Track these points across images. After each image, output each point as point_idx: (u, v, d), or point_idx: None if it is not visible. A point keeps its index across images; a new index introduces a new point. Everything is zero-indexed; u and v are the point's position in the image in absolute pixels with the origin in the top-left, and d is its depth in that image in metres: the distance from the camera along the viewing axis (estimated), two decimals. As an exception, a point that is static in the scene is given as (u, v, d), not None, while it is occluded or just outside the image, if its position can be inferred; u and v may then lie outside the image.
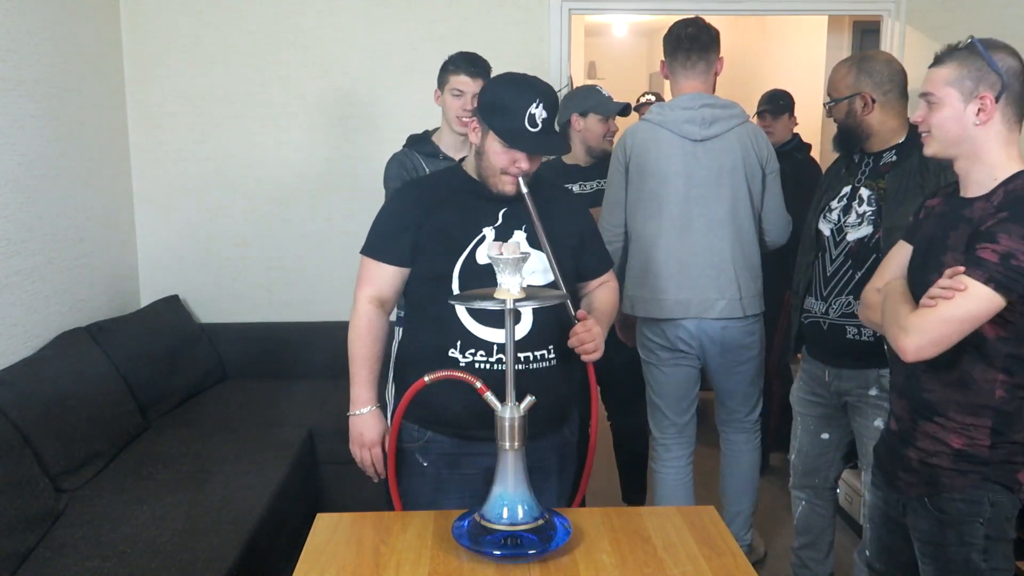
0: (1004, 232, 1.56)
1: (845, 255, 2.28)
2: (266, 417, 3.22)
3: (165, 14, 3.63)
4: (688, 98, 2.61)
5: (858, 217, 2.26)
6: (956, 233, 1.67)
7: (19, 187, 2.80)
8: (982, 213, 1.64)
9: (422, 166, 2.63)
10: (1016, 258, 1.54)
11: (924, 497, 1.74)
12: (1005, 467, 1.68)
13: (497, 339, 1.78)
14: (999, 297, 1.55)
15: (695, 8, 4.44)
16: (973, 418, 1.67)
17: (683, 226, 2.62)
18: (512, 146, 1.76)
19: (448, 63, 2.63)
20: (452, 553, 1.51)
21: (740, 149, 2.60)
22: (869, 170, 2.28)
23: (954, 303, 1.56)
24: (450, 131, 2.66)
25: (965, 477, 1.68)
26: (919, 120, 1.72)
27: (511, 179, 1.80)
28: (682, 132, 2.58)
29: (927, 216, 1.82)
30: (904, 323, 1.63)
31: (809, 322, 2.38)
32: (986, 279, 1.55)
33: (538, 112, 1.74)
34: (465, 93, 2.57)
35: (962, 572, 1.71)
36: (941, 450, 1.70)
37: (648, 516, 1.70)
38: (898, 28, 3.79)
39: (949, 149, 1.69)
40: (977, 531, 1.68)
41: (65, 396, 2.65)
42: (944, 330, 1.58)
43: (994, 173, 1.65)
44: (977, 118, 1.63)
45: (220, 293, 3.83)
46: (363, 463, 1.95)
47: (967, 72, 1.63)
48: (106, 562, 2.13)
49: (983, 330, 1.61)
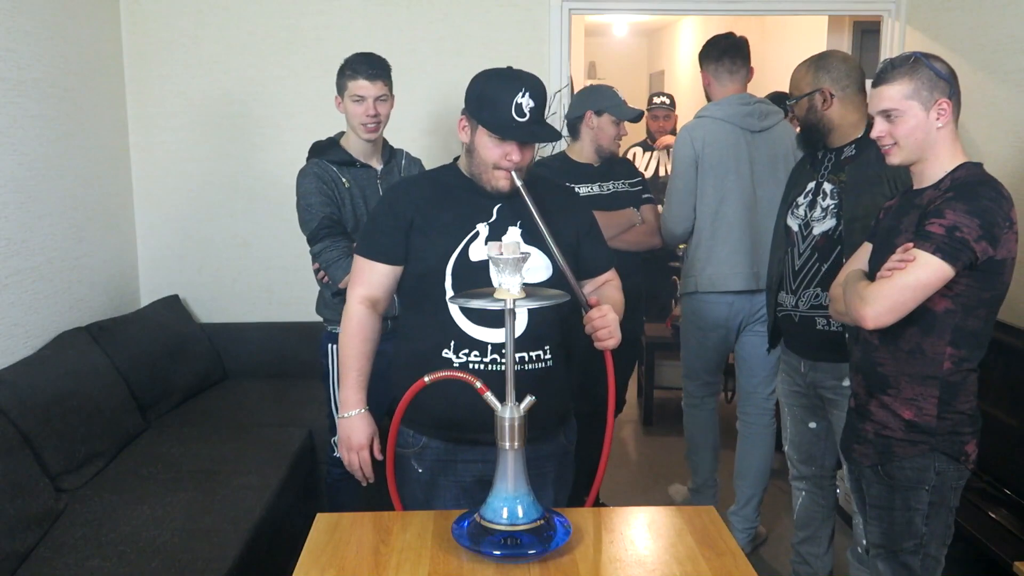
0: (949, 208, 1.72)
1: (812, 249, 2.38)
2: (266, 417, 3.22)
3: (165, 14, 3.63)
4: (739, 97, 2.98)
5: (823, 211, 2.36)
6: (908, 218, 1.83)
7: (19, 187, 2.80)
8: (931, 198, 1.79)
9: (338, 176, 2.54)
10: (960, 230, 1.69)
11: (877, 465, 1.88)
12: (952, 438, 1.82)
13: (492, 339, 1.77)
14: (947, 266, 1.70)
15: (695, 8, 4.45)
16: (921, 388, 1.81)
17: (751, 207, 2.92)
18: (502, 137, 1.73)
19: (345, 67, 2.53)
20: (452, 553, 1.51)
21: (787, 139, 2.96)
22: (832, 165, 2.37)
23: (906, 272, 1.71)
24: (357, 138, 2.56)
25: (915, 447, 1.83)
26: (882, 134, 1.83)
27: (504, 174, 1.77)
28: (744, 124, 2.93)
29: (885, 215, 1.97)
30: (862, 294, 1.78)
31: (783, 315, 2.49)
32: (934, 249, 1.70)
33: (525, 101, 1.72)
34: (366, 98, 2.48)
35: (904, 534, 1.87)
36: (893, 422, 1.84)
37: (648, 516, 1.70)
38: (898, 28, 3.80)
39: (914, 155, 1.83)
40: (922, 497, 1.84)
41: (65, 396, 2.65)
42: (899, 297, 1.72)
43: (944, 166, 1.82)
44: (938, 122, 1.78)
45: (220, 293, 3.83)
46: (351, 466, 1.90)
47: (921, 83, 1.78)
48: (106, 562, 2.13)
49: (932, 304, 1.76)
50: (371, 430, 1.89)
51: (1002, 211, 1.72)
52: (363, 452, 1.88)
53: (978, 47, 3.22)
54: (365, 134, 2.53)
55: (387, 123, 2.59)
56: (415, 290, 1.86)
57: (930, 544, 1.86)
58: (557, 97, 3.53)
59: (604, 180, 2.95)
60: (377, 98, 2.51)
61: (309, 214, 2.51)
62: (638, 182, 3.03)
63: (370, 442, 1.89)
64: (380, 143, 2.65)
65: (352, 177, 2.57)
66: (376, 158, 2.65)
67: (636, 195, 3.00)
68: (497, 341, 1.76)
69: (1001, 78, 3.10)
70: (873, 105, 1.84)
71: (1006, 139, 3.07)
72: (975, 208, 1.70)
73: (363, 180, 2.59)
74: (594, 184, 2.93)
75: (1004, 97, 3.08)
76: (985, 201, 1.72)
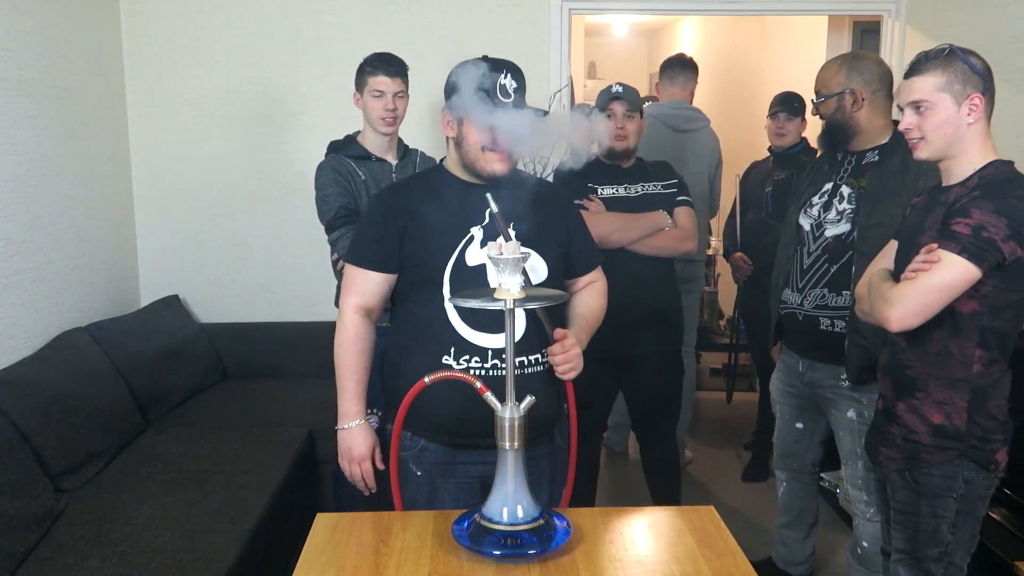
0: (976, 207, 1.66)
1: (822, 249, 2.36)
2: (266, 417, 3.22)
3: (165, 14, 3.63)
4: (674, 102, 3.66)
5: (838, 214, 2.33)
6: (932, 216, 1.78)
7: (19, 187, 2.80)
8: (957, 195, 1.74)
9: (354, 169, 2.61)
10: (987, 230, 1.63)
11: (904, 471, 1.84)
12: (982, 445, 1.77)
13: (492, 344, 1.76)
14: (973, 267, 1.64)
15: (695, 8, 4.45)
16: (951, 392, 1.76)
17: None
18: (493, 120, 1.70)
19: (365, 65, 2.63)
20: (452, 553, 1.51)
21: (707, 143, 3.64)
22: (852, 168, 2.34)
23: (931, 273, 1.66)
24: (375, 133, 2.65)
25: (943, 453, 1.78)
26: (910, 127, 1.78)
27: (497, 155, 1.75)
28: (671, 124, 3.56)
29: (911, 212, 1.92)
30: (887, 295, 1.74)
31: (786, 313, 2.48)
32: (959, 250, 1.64)
33: (508, 82, 1.72)
34: (385, 94, 2.59)
35: (929, 542, 1.83)
36: (921, 426, 1.80)
37: (648, 516, 1.70)
38: (898, 28, 3.80)
39: (943, 151, 1.77)
40: (949, 506, 1.80)
41: (65, 396, 2.65)
42: (924, 299, 1.67)
43: (973, 164, 1.76)
44: (970, 117, 1.73)
45: (220, 293, 3.83)
46: (353, 478, 1.89)
47: (954, 76, 1.73)
48: (106, 562, 2.13)
49: (959, 305, 1.71)
50: (372, 440, 1.88)
51: None
52: (365, 463, 1.88)
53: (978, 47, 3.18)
54: (383, 128, 2.62)
55: (403, 119, 2.69)
56: (411, 297, 1.84)
57: (955, 553, 1.83)
58: (557, 97, 3.53)
59: (633, 182, 2.80)
60: (395, 94, 2.62)
61: (327, 204, 2.57)
62: (673, 184, 2.83)
63: (371, 453, 1.88)
64: (395, 139, 2.73)
65: (368, 171, 2.63)
66: (391, 153, 2.71)
67: (670, 198, 2.80)
68: (497, 346, 1.76)
69: (1001, 78, 3.08)
70: (903, 96, 1.79)
71: (1007, 139, 3.07)
72: (1003, 207, 1.65)
73: (378, 173, 2.65)
74: (620, 185, 2.79)
75: (1004, 97, 3.07)
76: (1013, 200, 1.65)
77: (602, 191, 2.76)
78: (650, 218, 2.73)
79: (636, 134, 2.77)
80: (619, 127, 2.73)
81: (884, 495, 1.97)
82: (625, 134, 2.73)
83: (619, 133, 2.73)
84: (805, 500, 2.70)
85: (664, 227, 2.74)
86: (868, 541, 2.37)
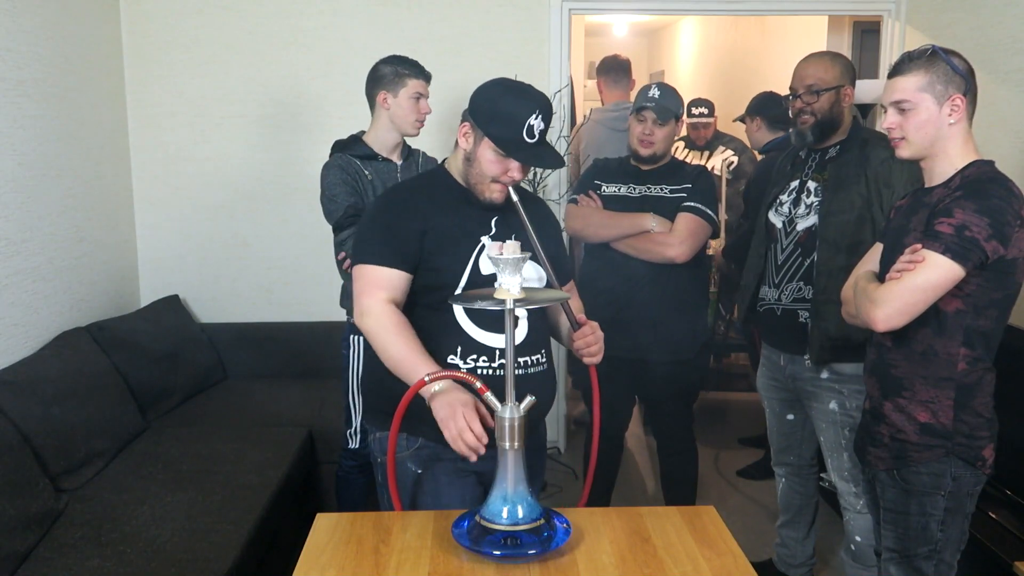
0: (959, 207, 1.69)
1: (795, 244, 2.42)
2: (266, 417, 3.22)
3: (165, 14, 3.63)
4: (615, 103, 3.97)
5: (807, 208, 2.40)
6: (916, 217, 1.81)
7: (19, 187, 2.80)
8: (940, 196, 1.76)
9: (361, 169, 2.60)
10: (970, 229, 1.66)
11: (893, 470, 1.86)
12: (969, 442, 1.79)
13: (500, 344, 1.77)
14: (957, 266, 1.67)
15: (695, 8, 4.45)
16: (937, 391, 1.79)
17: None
18: (509, 156, 1.73)
19: (399, 66, 2.59)
20: (452, 553, 1.51)
21: None
22: (816, 164, 2.42)
23: (915, 273, 1.69)
24: (392, 132, 2.63)
25: (931, 451, 1.81)
26: (892, 126, 1.80)
27: (500, 187, 1.77)
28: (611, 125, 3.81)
29: (895, 215, 1.95)
30: (872, 296, 1.76)
31: (764, 310, 2.52)
32: (943, 249, 1.67)
33: (536, 123, 1.71)
34: (423, 96, 2.61)
35: (919, 540, 1.85)
36: (908, 425, 1.82)
37: (648, 516, 1.70)
38: (898, 28, 3.80)
39: (924, 150, 1.80)
40: (938, 503, 1.82)
41: (65, 396, 2.65)
42: (909, 298, 1.70)
43: (955, 164, 1.79)
44: (951, 118, 1.75)
45: (220, 293, 3.83)
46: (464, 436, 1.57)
47: (936, 77, 1.75)
48: (106, 562, 2.13)
49: (943, 304, 1.74)
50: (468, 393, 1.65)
51: (1012, 209, 1.68)
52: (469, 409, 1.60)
53: (978, 47, 3.22)
54: (414, 130, 2.64)
55: None
56: (425, 302, 1.82)
57: (945, 550, 1.84)
58: (557, 97, 3.53)
59: (641, 183, 2.75)
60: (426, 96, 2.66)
61: (334, 204, 2.56)
62: (681, 189, 2.71)
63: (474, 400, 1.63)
64: (400, 141, 2.73)
65: (374, 170, 2.63)
66: (396, 154, 2.72)
67: (675, 202, 2.70)
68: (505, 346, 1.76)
69: (1001, 78, 3.10)
70: (886, 96, 1.81)
71: (1006, 139, 3.07)
72: (984, 207, 1.67)
73: (384, 173, 2.66)
74: (624, 185, 2.77)
75: (1004, 97, 3.08)
76: (995, 199, 1.68)
77: (605, 188, 2.77)
78: (633, 219, 2.68)
79: (665, 140, 2.72)
80: (647, 133, 2.69)
81: (874, 495, 1.99)
82: (652, 140, 2.70)
83: (645, 139, 2.70)
84: (804, 497, 2.72)
85: (648, 229, 2.67)
86: (861, 535, 2.39)
